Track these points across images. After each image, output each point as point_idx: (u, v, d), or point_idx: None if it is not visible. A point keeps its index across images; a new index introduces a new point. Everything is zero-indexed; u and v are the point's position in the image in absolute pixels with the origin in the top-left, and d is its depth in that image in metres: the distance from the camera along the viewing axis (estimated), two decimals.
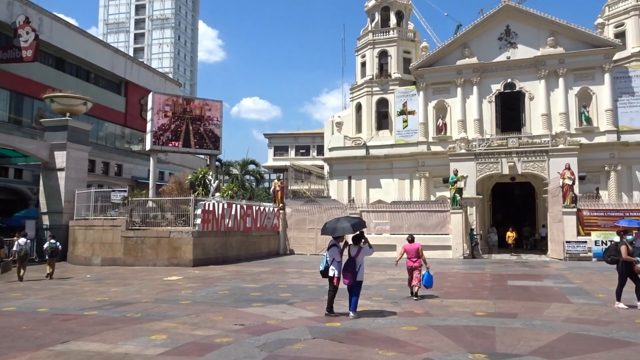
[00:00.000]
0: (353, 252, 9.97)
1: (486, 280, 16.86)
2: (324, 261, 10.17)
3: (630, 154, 31.99)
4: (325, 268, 10.10)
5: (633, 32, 34.42)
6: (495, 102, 35.41)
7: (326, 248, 10.39)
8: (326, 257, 10.13)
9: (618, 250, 11.15)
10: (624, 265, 11.04)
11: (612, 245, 11.73)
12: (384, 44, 39.96)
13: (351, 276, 9.83)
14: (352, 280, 9.85)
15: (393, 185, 37.09)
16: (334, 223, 10.52)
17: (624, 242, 11.28)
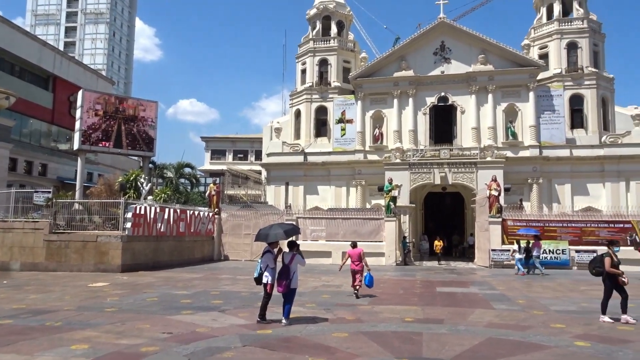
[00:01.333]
0: (287, 259, 10.02)
1: (416, 287, 17.36)
2: (258, 268, 10.13)
3: (550, 168, 34.12)
4: (259, 275, 10.06)
5: (555, 54, 36.84)
6: (430, 114, 36.71)
7: (260, 254, 10.36)
8: (260, 263, 10.12)
9: (602, 262, 10.77)
10: (607, 278, 10.72)
11: (597, 256, 11.26)
12: (325, 52, 40.45)
13: (285, 283, 9.86)
14: (286, 287, 9.88)
15: (330, 192, 37.47)
16: (268, 229, 10.57)
17: (609, 253, 10.88)
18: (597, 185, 33.74)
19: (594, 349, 8.12)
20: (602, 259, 10.83)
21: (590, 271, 11.21)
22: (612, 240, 11.59)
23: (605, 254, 10.90)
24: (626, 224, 25.56)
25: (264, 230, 10.63)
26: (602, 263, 10.75)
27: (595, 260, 11.17)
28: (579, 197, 33.70)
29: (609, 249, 11.03)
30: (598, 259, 11.04)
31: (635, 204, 30.80)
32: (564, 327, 9.98)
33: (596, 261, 11.08)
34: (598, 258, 11.10)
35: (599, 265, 10.84)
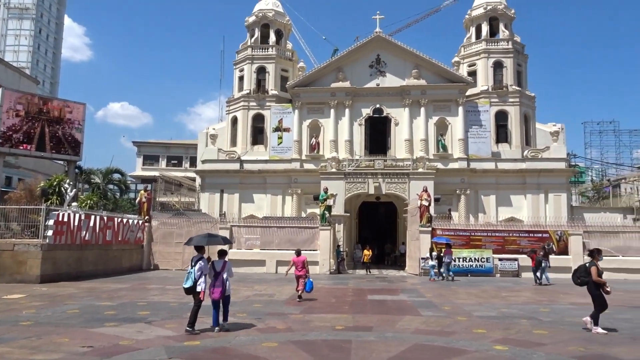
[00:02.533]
0: (218, 267, 10.21)
1: (348, 295, 17.58)
2: (191, 277, 9.99)
3: (477, 180, 35.76)
4: (194, 283, 9.95)
5: (482, 72, 38.79)
6: (365, 125, 37.49)
7: (191, 264, 10.23)
8: (194, 272, 10.02)
9: (588, 272, 10.65)
10: (593, 287, 10.65)
11: (582, 266, 11.08)
12: (263, 60, 40.39)
13: (219, 290, 10.06)
14: (221, 294, 10.09)
15: (266, 201, 37.28)
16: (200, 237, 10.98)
17: (595, 262, 10.81)
18: (519, 197, 35.71)
19: (511, 352, 8.56)
20: (587, 269, 10.68)
21: (575, 281, 10.99)
22: (597, 250, 11.38)
23: (591, 263, 10.79)
24: (544, 233, 27.21)
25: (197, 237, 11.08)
26: (587, 273, 10.61)
27: (579, 270, 10.96)
28: (503, 207, 35.50)
29: (594, 259, 10.88)
30: (582, 269, 10.85)
31: (553, 215, 32.83)
32: (485, 332, 10.44)
33: (581, 271, 10.89)
34: (582, 268, 10.90)
35: (584, 275, 10.70)
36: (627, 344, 9.41)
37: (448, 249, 24.72)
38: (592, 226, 28.28)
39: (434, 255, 24.37)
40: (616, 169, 60.89)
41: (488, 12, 39.69)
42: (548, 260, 23.16)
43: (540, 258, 22.84)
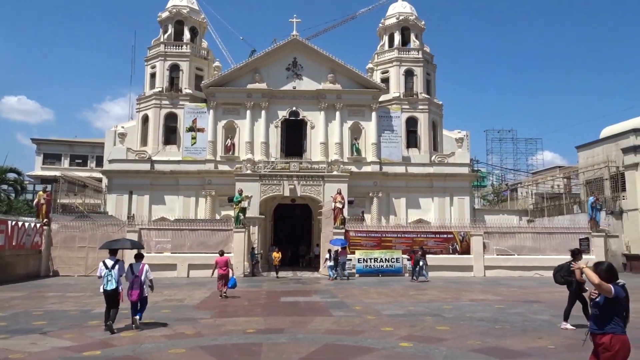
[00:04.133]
0: (137, 270, 10.91)
1: (261, 298, 17.47)
2: (113, 279, 10.45)
3: (389, 183, 37.04)
4: (117, 285, 10.46)
5: (394, 79, 40.29)
6: (281, 127, 37.53)
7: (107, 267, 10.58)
8: (114, 274, 10.50)
9: (572, 271, 10.80)
10: (577, 286, 10.91)
11: (565, 265, 11.21)
12: (176, 57, 39.15)
13: (137, 292, 10.73)
14: (139, 296, 10.76)
15: (178, 203, 36.11)
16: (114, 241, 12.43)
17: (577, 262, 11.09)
18: (427, 200, 37.47)
19: (415, 349, 8.94)
20: (569, 268, 10.84)
21: (558, 280, 11.26)
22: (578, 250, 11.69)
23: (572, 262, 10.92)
24: (449, 234, 28.75)
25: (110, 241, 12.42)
26: (570, 272, 10.82)
27: (562, 269, 11.18)
28: (413, 210, 37.05)
29: (575, 258, 10.95)
30: (565, 268, 11.07)
31: (457, 217, 34.82)
32: (392, 329, 10.82)
33: (564, 270, 11.11)
34: (565, 267, 11.11)
35: (567, 274, 10.97)
36: (519, 335, 10.17)
37: (343, 250, 25.97)
38: (491, 227, 30.30)
39: (332, 255, 25.67)
40: (514, 174, 65.81)
41: (400, 22, 41.32)
42: (425, 259, 24.94)
43: (419, 257, 24.69)
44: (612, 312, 5.08)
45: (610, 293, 4.99)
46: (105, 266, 10.53)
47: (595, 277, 5.02)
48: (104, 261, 10.73)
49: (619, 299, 5.09)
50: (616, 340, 5.00)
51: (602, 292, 5.04)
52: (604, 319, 5.10)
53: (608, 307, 5.09)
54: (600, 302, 5.14)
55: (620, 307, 5.11)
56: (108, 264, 10.59)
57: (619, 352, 5.00)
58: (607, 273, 5.13)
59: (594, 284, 5.03)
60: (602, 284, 4.98)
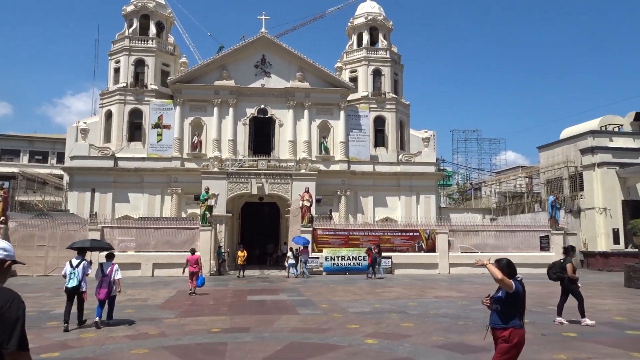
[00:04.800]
0: (106, 269, 11.29)
1: (227, 297, 17.33)
2: (76, 277, 10.75)
3: (357, 182, 37.27)
4: (79, 283, 10.76)
5: (363, 78, 40.56)
6: (249, 125, 37.26)
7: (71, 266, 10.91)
8: (77, 273, 10.82)
9: (564, 268, 11.17)
10: (568, 282, 11.19)
11: (557, 262, 11.56)
12: (142, 52, 38.35)
13: (105, 291, 11.07)
14: (106, 295, 11.11)
15: (143, 201, 35.43)
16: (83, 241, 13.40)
17: (569, 259, 11.37)
18: (394, 198, 37.88)
19: (380, 345, 9.03)
20: (562, 265, 11.27)
21: (550, 276, 11.53)
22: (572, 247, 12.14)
23: (566, 260, 11.37)
24: (415, 232, 29.17)
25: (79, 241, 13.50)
26: (563, 269, 11.23)
27: (555, 266, 11.51)
28: (380, 208, 37.42)
29: (568, 256, 11.48)
30: (558, 265, 11.41)
31: (423, 215, 35.32)
32: (358, 327, 10.90)
33: (556, 267, 11.43)
34: (558, 264, 11.45)
35: (560, 271, 11.29)
36: (481, 331, 10.35)
37: (305, 248, 26.36)
38: (456, 225, 30.91)
39: (293, 254, 26.16)
40: (478, 174, 67.28)
41: (369, 22, 41.61)
42: (381, 257, 25.69)
43: (376, 255, 25.28)
44: (512, 307, 5.23)
45: (511, 288, 5.12)
46: (71, 265, 10.96)
47: (498, 272, 5.13)
48: (70, 260, 11.16)
49: (519, 294, 5.24)
50: (515, 333, 5.15)
51: (504, 287, 5.16)
52: (505, 313, 5.22)
53: (509, 302, 5.23)
54: (502, 297, 5.26)
55: (519, 302, 5.26)
56: (73, 263, 11.01)
57: (516, 345, 5.16)
58: (508, 269, 5.26)
59: (497, 279, 5.13)
60: (504, 279, 5.09)
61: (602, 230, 32.38)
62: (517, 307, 5.27)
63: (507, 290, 5.19)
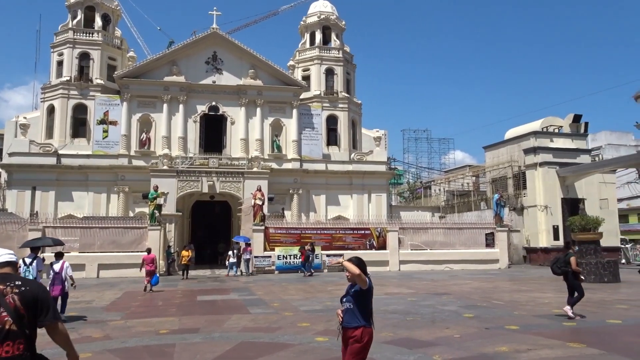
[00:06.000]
0: (57, 268, 11.95)
1: (176, 297, 16.97)
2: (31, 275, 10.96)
3: (309, 180, 37.35)
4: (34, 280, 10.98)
5: (315, 77, 40.67)
6: (200, 122, 36.60)
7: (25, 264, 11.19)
8: (32, 270, 11.20)
9: (567, 262, 11.37)
10: (572, 276, 11.39)
11: (561, 256, 11.74)
12: (86, 45, 36.93)
13: (59, 288, 11.78)
14: (60, 291, 11.80)
15: (88, 199, 34.14)
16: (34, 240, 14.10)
17: (572, 253, 11.67)
18: (346, 197, 38.22)
19: (331, 343, 9.05)
20: (566, 259, 11.46)
21: (555, 271, 11.73)
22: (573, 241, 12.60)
23: (569, 254, 11.61)
24: (366, 230, 29.55)
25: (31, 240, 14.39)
26: (567, 263, 11.42)
27: (559, 260, 11.67)
28: (332, 206, 37.66)
29: (571, 250, 11.78)
30: (562, 259, 11.59)
31: (375, 214, 35.85)
32: (309, 325, 10.92)
33: (560, 261, 11.60)
34: (562, 258, 11.63)
35: (564, 265, 11.46)
36: (428, 326, 10.65)
37: (247, 247, 26.67)
38: (406, 223, 31.55)
39: (235, 253, 26.56)
40: (428, 172, 68.97)
41: (321, 21, 41.76)
42: (314, 255, 26.47)
43: (309, 253, 25.90)
44: (364, 305, 5.12)
45: (366, 284, 5.04)
46: (24, 263, 11.24)
47: (356, 268, 5.00)
48: (23, 259, 11.19)
49: (372, 290, 5.16)
50: (365, 332, 5.05)
51: (360, 283, 5.03)
52: (358, 312, 5.09)
53: (363, 299, 5.11)
54: (356, 295, 5.11)
55: (370, 300, 5.19)
56: (27, 262, 11.33)
57: (367, 344, 5.08)
58: (361, 265, 5.09)
59: (354, 275, 4.99)
60: (362, 275, 4.98)
61: (543, 227, 33.90)
62: (369, 304, 5.17)
63: (362, 286, 5.05)
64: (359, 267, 5.03)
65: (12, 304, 3.34)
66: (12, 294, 3.38)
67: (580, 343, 8.73)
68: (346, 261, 5.17)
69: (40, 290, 3.52)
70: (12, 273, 3.65)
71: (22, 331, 3.33)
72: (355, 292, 5.12)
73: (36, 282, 3.72)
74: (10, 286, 3.41)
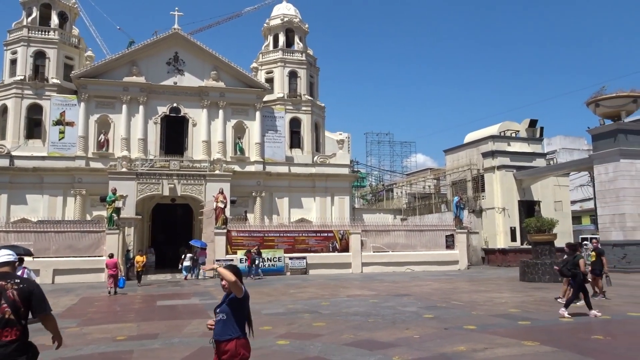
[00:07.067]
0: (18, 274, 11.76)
1: (136, 302, 16.60)
2: None
3: (272, 183, 37.22)
4: None
5: (279, 80, 40.57)
6: (161, 124, 35.94)
7: None
8: None
9: (576, 264, 11.62)
10: (581, 277, 11.60)
11: (570, 259, 12.00)
12: (42, 44, 35.73)
13: None
14: None
15: (43, 203, 32.97)
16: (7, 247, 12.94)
17: (580, 255, 11.90)
18: (310, 199, 38.27)
19: (292, 346, 9.08)
20: (574, 261, 11.72)
21: (565, 273, 12.01)
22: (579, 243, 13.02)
23: (578, 256, 11.85)
24: (329, 233, 29.65)
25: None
26: (575, 265, 11.66)
27: (568, 263, 11.95)
28: (295, 209, 37.62)
29: (577, 251, 12.05)
30: (571, 261, 11.86)
31: (338, 216, 36.05)
32: (271, 328, 10.88)
33: (569, 264, 11.87)
34: (570, 260, 11.91)
35: (573, 267, 11.70)
36: (389, 328, 10.78)
37: (202, 250, 26.95)
38: (369, 225, 31.81)
39: (189, 256, 26.89)
40: (390, 175, 69.87)
41: (285, 24, 41.74)
42: (261, 258, 26.50)
43: (255, 256, 25.90)
44: (241, 314, 4.81)
45: (242, 292, 4.75)
46: None
47: (232, 275, 4.69)
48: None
49: (248, 299, 4.90)
50: (240, 344, 4.72)
51: (236, 291, 4.71)
52: (234, 321, 4.76)
53: (238, 308, 4.80)
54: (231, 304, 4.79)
55: (248, 309, 4.90)
56: None
57: (245, 357, 4.72)
58: (237, 273, 4.82)
59: (230, 282, 4.66)
60: (238, 282, 4.69)
61: (501, 228, 34.85)
62: (245, 314, 4.85)
63: (237, 294, 4.73)
64: (235, 275, 4.73)
65: (12, 298, 4.07)
66: (12, 289, 4.10)
67: (534, 341, 9.02)
68: (222, 268, 4.82)
69: (34, 287, 4.27)
70: (11, 272, 4.32)
71: (18, 321, 4.10)
72: (231, 301, 4.78)
73: (31, 280, 4.49)
74: (10, 283, 4.14)
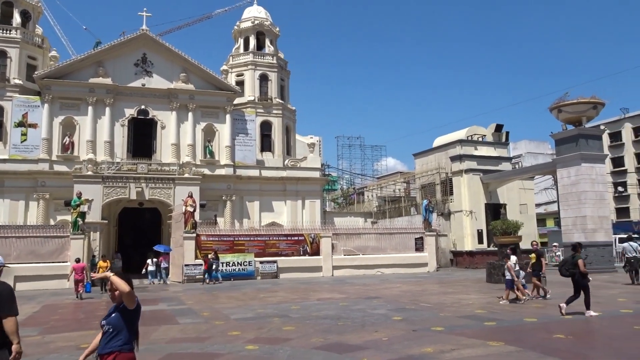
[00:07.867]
0: None
1: (101, 309, 16.16)
2: None
3: (243, 186, 36.95)
4: None
5: (249, 83, 40.39)
6: (129, 126, 35.27)
7: None
8: None
9: (575, 264, 11.61)
10: (580, 277, 11.57)
11: (569, 259, 12.01)
12: (3, 43, 34.60)
13: None
14: None
15: (3, 207, 31.90)
16: None
17: (579, 255, 11.84)
18: (280, 203, 38.15)
19: (261, 351, 9.02)
20: (573, 261, 11.72)
21: (563, 273, 11.96)
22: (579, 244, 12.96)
23: (577, 256, 11.80)
24: (300, 236, 29.60)
25: None
26: (574, 265, 11.66)
27: (567, 263, 11.99)
28: (266, 213, 37.45)
29: (577, 252, 11.99)
30: (570, 262, 11.88)
31: (309, 220, 36.05)
32: (240, 333, 10.78)
33: (568, 263, 11.91)
34: (570, 260, 11.94)
35: (572, 267, 11.70)
36: (358, 330, 10.83)
37: (166, 255, 27.38)
38: (340, 229, 31.90)
39: (155, 261, 27.08)
40: (361, 179, 70.30)
41: (255, 27, 41.59)
42: (219, 262, 26.32)
43: (212, 261, 25.86)
44: (130, 326, 4.43)
45: (134, 303, 4.41)
46: None
47: (126, 285, 4.33)
48: None
49: (140, 309, 4.54)
50: (121, 357, 4.35)
51: (128, 301, 4.36)
52: (124, 333, 4.39)
53: (129, 319, 4.43)
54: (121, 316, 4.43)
55: (138, 320, 4.52)
56: None
57: None
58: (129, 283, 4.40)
59: (124, 293, 4.31)
60: (132, 292, 4.36)
61: (468, 231, 35.46)
62: (135, 325, 4.48)
63: (129, 306, 4.38)
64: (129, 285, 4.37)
65: None
66: None
67: (499, 341, 9.20)
68: (115, 277, 4.41)
69: (3, 288, 4.51)
70: None
71: None
72: (121, 312, 4.41)
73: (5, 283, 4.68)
74: None
